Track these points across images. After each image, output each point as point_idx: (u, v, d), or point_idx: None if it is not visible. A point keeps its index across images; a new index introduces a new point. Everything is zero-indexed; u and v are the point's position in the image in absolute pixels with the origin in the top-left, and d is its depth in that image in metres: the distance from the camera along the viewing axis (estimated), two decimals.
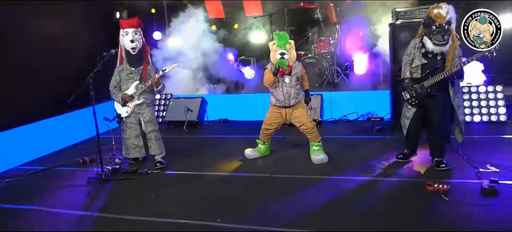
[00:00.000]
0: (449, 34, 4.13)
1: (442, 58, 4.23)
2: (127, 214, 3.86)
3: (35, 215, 4.02)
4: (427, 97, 4.31)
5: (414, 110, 4.45)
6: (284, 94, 4.84)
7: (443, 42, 4.14)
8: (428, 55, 4.27)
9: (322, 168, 4.79)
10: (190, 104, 7.25)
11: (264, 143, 5.24)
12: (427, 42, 4.23)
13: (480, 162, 4.50)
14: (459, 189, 3.91)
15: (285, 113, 4.99)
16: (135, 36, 4.94)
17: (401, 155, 4.77)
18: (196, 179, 4.74)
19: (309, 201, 3.92)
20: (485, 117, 6.23)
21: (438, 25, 4.11)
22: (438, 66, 4.23)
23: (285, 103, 4.89)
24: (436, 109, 4.32)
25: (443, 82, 4.23)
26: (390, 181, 4.27)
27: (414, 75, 4.37)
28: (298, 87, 4.93)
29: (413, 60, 4.37)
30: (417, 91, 4.34)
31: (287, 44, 4.76)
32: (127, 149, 5.25)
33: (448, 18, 4.09)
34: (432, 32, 4.15)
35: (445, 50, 4.19)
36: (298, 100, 4.97)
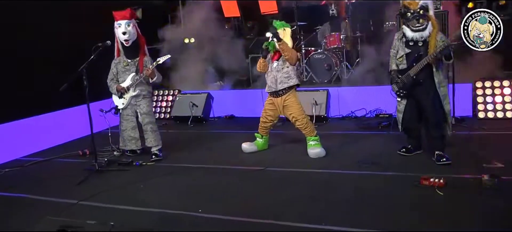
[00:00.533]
0: (424, 18, 4.08)
1: (424, 45, 4.14)
2: (110, 203, 3.83)
3: (23, 202, 4.05)
4: (415, 87, 4.21)
5: (405, 102, 4.35)
6: (271, 79, 4.78)
7: (419, 27, 4.09)
8: (410, 44, 4.20)
9: (319, 161, 4.65)
10: (196, 100, 7.21)
11: (262, 136, 5.13)
12: (407, 31, 4.19)
13: (488, 157, 4.24)
14: (457, 183, 3.68)
15: (278, 104, 4.86)
16: (127, 28, 4.92)
17: (404, 148, 4.58)
18: (188, 171, 4.67)
19: (300, 194, 3.77)
20: (499, 113, 5.90)
21: (412, 11, 4.09)
22: (421, 53, 4.14)
23: (272, 88, 4.79)
24: (426, 98, 4.18)
25: (429, 70, 4.12)
26: (385, 175, 4.07)
27: (400, 67, 4.29)
28: (285, 71, 4.72)
29: (397, 52, 4.30)
30: (403, 81, 4.23)
31: (280, 29, 4.70)
32: (124, 141, 5.25)
33: (421, 3, 4.06)
34: (408, 19, 4.14)
35: (425, 35, 4.12)
36: (288, 87, 4.75)
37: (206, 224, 3.32)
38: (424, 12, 4.08)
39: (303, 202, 3.59)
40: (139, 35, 5.10)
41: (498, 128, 5.48)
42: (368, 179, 4.06)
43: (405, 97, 4.33)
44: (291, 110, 4.79)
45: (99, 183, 4.41)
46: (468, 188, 3.59)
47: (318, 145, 4.81)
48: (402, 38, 4.28)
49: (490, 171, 3.75)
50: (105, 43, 4.82)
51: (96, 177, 4.60)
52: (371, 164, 4.34)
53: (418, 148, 4.56)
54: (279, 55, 4.75)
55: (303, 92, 6.67)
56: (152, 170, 4.76)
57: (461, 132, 5.31)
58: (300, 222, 3.20)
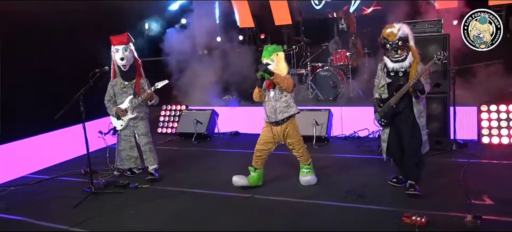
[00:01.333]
0: (403, 49, 4.12)
1: (405, 75, 4.17)
2: (99, 229, 3.98)
3: (21, 225, 4.25)
4: (395, 116, 4.26)
5: (388, 131, 4.38)
6: (270, 109, 4.65)
7: (398, 58, 4.14)
8: (391, 74, 4.24)
9: (308, 190, 4.65)
10: (200, 117, 7.33)
11: (255, 169, 4.81)
12: (387, 61, 4.24)
13: (478, 191, 4.14)
14: (440, 221, 3.63)
15: (277, 133, 4.70)
16: (125, 53, 5.07)
17: (395, 178, 4.56)
18: (179, 196, 4.75)
19: (280, 225, 3.82)
20: (505, 139, 5.72)
21: (391, 43, 4.12)
22: (402, 83, 4.16)
23: (272, 118, 4.66)
24: (404, 127, 4.23)
25: (408, 100, 4.17)
26: (368, 209, 4.04)
27: (383, 96, 4.33)
28: (283, 100, 4.58)
29: (380, 82, 4.34)
30: (384, 110, 4.28)
31: (273, 55, 4.58)
32: (122, 160, 5.41)
33: (399, 35, 4.09)
34: (388, 50, 4.19)
35: (406, 65, 4.16)
36: (288, 116, 4.63)
37: None
38: (403, 43, 4.11)
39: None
40: (136, 59, 5.25)
41: (500, 155, 5.32)
42: (351, 212, 4.03)
43: (387, 126, 4.37)
44: (290, 139, 4.70)
45: (93, 207, 4.57)
46: (450, 227, 3.53)
47: (311, 172, 4.80)
48: (384, 68, 4.32)
49: (475, 210, 3.66)
50: (102, 69, 5.00)
51: (92, 199, 4.77)
52: (358, 196, 4.31)
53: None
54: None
55: (304, 112, 6.68)
56: (145, 194, 4.88)
57: (460, 160, 5.19)
58: None
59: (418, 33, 5.61)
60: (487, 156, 5.34)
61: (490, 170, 4.89)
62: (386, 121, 4.34)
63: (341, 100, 7.50)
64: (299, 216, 4.02)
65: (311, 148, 6.29)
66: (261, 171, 4.86)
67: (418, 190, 4.17)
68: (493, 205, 3.88)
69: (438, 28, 5.49)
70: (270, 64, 4.54)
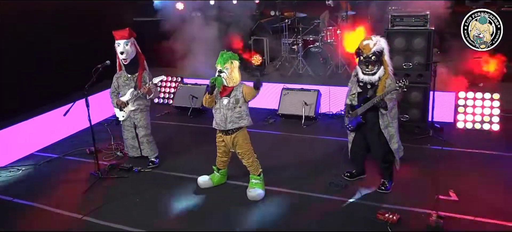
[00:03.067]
0: (374, 65, 4.30)
1: (373, 88, 4.39)
2: (110, 220, 4.47)
3: (34, 212, 4.72)
4: (362, 124, 4.55)
5: (353, 134, 4.72)
6: (221, 117, 4.57)
7: (368, 72, 4.33)
8: (361, 84, 4.47)
9: (293, 181, 5.06)
10: (195, 91, 7.66)
11: (219, 170, 4.99)
12: (359, 72, 4.44)
13: (448, 184, 4.68)
14: (409, 219, 4.16)
15: (228, 141, 4.70)
16: (125, 48, 5.30)
17: (348, 173, 5.02)
18: (182, 182, 5.22)
19: (272, 215, 4.35)
20: (477, 124, 6.22)
21: (364, 56, 4.30)
22: (368, 95, 4.41)
23: (221, 127, 4.60)
24: (371, 136, 4.58)
25: (375, 112, 4.42)
26: (348, 202, 4.56)
27: (353, 102, 4.59)
28: (237, 111, 4.52)
29: (351, 89, 4.60)
30: (353, 117, 4.58)
31: (227, 63, 4.47)
32: (127, 147, 5.84)
33: (374, 49, 4.26)
34: (360, 62, 4.38)
35: (374, 80, 4.36)
36: (238, 127, 4.59)
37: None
38: (377, 58, 4.29)
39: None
40: (138, 52, 5.50)
41: (472, 142, 5.83)
42: (332, 204, 4.55)
43: (354, 131, 4.70)
44: (240, 149, 4.69)
45: (101, 193, 5.04)
46: (417, 225, 4.07)
47: (260, 185, 4.75)
48: (356, 76, 4.55)
49: (441, 206, 4.21)
50: (104, 64, 5.28)
51: (99, 183, 5.23)
52: (341, 188, 4.81)
53: (361, 173, 4.99)
54: (229, 90, 4.54)
55: (295, 92, 7.08)
56: (149, 179, 5.35)
57: (434, 147, 5.69)
58: None
59: (404, 26, 5.92)
60: (459, 143, 5.83)
61: (460, 159, 5.40)
62: (353, 127, 4.67)
63: (330, 77, 7.85)
64: (289, 208, 4.54)
65: (300, 127, 6.76)
66: (224, 170, 5.02)
67: (388, 188, 4.65)
68: (458, 201, 4.42)
69: (424, 23, 5.78)
70: (224, 72, 4.47)
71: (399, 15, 5.95)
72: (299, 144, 6.21)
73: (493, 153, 5.51)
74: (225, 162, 4.95)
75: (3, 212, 4.77)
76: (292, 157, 5.71)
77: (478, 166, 5.23)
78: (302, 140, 6.35)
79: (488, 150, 5.60)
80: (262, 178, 4.80)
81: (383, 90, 4.34)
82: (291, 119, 7.05)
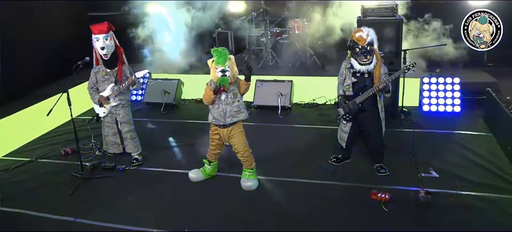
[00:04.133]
0: (371, 54, 4.57)
1: (369, 76, 4.66)
2: (106, 221, 4.33)
3: (23, 219, 4.47)
4: (359, 112, 4.80)
5: (350, 124, 4.93)
6: (220, 112, 4.62)
7: (366, 62, 4.59)
8: (357, 75, 4.70)
9: (282, 171, 5.18)
10: (167, 87, 7.55)
11: (210, 163, 5.03)
12: (354, 63, 4.66)
13: (426, 163, 5.07)
14: (400, 197, 4.44)
15: (223, 134, 4.76)
16: (105, 42, 5.14)
17: (335, 158, 5.26)
18: (170, 177, 5.19)
19: (265, 203, 4.46)
20: (441, 107, 6.71)
21: (361, 47, 4.54)
22: (367, 83, 4.67)
23: (220, 121, 4.65)
24: (370, 122, 4.83)
25: (373, 97, 4.71)
26: (342, 186, 4.78)
27: (347, 93, 4.81)
28: (235, 105, 4.62)
29: (345, 80, 4.81)
30: (350, 107, 4.79)
31: (227, 61, 4.48)
32: (107, 145, 5.65)
33: (368, 40, 4.53)
34: (356, 54, 4.59)
35: (371, 68, 4.63)
36: (236, 121, 4.68)
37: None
38: (371, 48, 4.57)
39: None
40: (117, 46, 5.34)
41: (437, 124, 6.30)
42: (326, 188, 4.75)
43: (350, 121, 4.91)
44: (235, 142, 4.75)
45: (89, 194, 4.87)
46: (408, 202, 4.36)
47: (253, 176, 4.84)
48: (350, 68, 4.74)
49: (425, 183, 4.55)
50: (84, 60, 5.10)
51: (84, 184, 5.04)
52: (330, 173, 5.02)
53: (347, 158, 5.24)
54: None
55: (270, 83, 7.21)
56: (136, 177, 5.23)
57: (406, 129, 6.07)
58: None
59: (375, 17, 6.24)
60: (427, 125, 6.27)
61: (431, 140, 5.81)
62: (350, 116, 4.88)
63: (300, 68, 8.06)
64: (285, 193, 4.68)
65: (276, 117, 6.91)
66: (216, 162, 5.07)
67: (386, 169, 4.93)
68: (439, 178, 4.79)
69: (394, 13, 6.12)
70: (228, 70, 4.48)
71: (370, 7, 6.24)
72: (279, 133, 6.36)
73: (458, 132, 5.99)
74: (217, 154, 4.98)
75: None
76: (275, 147, 5.82)
77: (447, 144, 5.65)
78: (281, 129, 6.51)
79: (453, 130, 6.08)
80: (254, 170, 4.88)
81: (380, 77, 4.59)
82: (266, 110, 7.18)
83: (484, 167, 4.96)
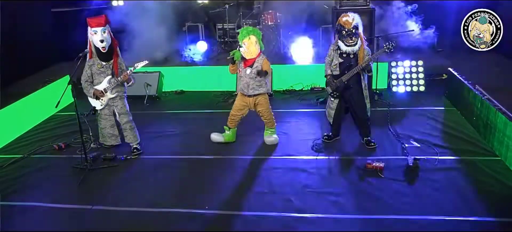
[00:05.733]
0: (357, 37, 5.06)
1: (354, 57, 5.16)
2: (125, 206, 4.48)
3: (38, 211, 4.47)
4: (346, 89, 5.30)
5: (337, 101, 5.42)
6: (243, 84, 5.41)
7: (352, 43, 5.08)
8: (343, 55, 5.18)
9: (279, 148, 5.62)
10: (148, 79, 7.64)
11: (230, 129, 5.71)
12: (341, 45, 5.13)
13: (405, 135, 5.69)
14: (391, 164, 4.99)
15: (249, 102, 5.51)
16: (104, 35, 5.21)
17: (326, 136, 5.74)
18: (173, 163, 5.37)
19: (271, 180, 4.83)
20: (408, 87, 7.43)
21: (347, 30, 5.01)
22: (352, 63, 5.17)
23: (244, 92, 5.43)
24: (355, 98, 5.32)
25: (357, 76, 5.22)
26: (336, 159, 5.25)
27: (334, 73, 5.30)
28: (258, 80, 5.32)
29: (332, 60, 5.29)
30: (337, 85, 5.28)
31: (246, 38, 5.21)
32: (104, 137, 5.70)
33: (354, 24, 5.03)
34: (343, 36, 5.06)
35: (356, 50, 5.11)
36: (259, 93, 5.40)
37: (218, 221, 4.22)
38: (356, 31, 5.06)
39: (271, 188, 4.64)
40: (112, 39, 5.42)
41: (406, 102, 7.03)
42: (323, 162, 5.19)
43: (337, 98, 5.40)
44: (261, 108, 5.53)
45: (98, 183, 4.95)
46: (400, 168, 4.92)
47: (274, 133, 5.70)
48: (337, 50, 5.23)
49: (411, 152, 5.15)
50: (84, 52, 5.14)
51: (89, 176, 5.09)
52: (322, 148, 5.49)
53: (337, 135, 5.74)
54: (251, 62, 5.32)
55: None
56: (139, 165, 5.36)
57: (381, 109, 6.69)
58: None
59: (349, 6, 6.79)
60: (399, 104, 6.94)
61: (404, 116, 6.46)
62: (337, 93, 5.37)
63: (275, 57, 8.46)
64: (289, 168, 5.07)
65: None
66: (235, 129, 5.74)
67: (374, 142, 5.47)
68: (420, 147, 5.41)
69: (367, 2, 6.70)
70: (242, 46, 5.22)
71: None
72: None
73: (426, 108, 6.70)
74: (238, 120, 5.65)
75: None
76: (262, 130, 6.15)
77: (419, 119, 6.32)
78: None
79: (420, 106, 6.80)
80: (275, 130, 5.69)
81: (364, 58, 5.10)
82: None
83: (455, 136, 5.68)
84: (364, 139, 5.54)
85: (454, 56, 8.27)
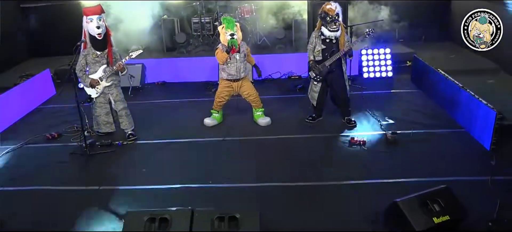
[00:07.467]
0: (339, 23, 5.58)
1: (336, 43, 5.66)
2: (134, 184, 4.74)
3: (49, 194, 4.62)
4: (328, 74, 5.79)
5: (320, 85, 5.90)
6: (236, 69, 5.88)
7: (335, 29, 5.58)
8: (326, 41, 5.66)
9: (267, 129, 6.05)
10: (132, 71, 7.80)
11: (218, 111, 6.25)
12: (325, 31, 5.61)
13: (380, 114, 6.27)
14: (372, 139, 5.54)
15: (235, 86, 6.03)
16: (99, 22, 5.40)
17: (310, 117, 6.22)
18: (171, 146, 5.66)
19: (265, 158, 5.23)
20: (377, 73, 8.07)
21: (331, 16, 5.52)
22: (334, 49, 5.67)
23: (236, 76, 5.92)
24: (337, 81, 5.83)
25: (338, 61, 5.73)
26: (324, 136, 5.74)
27: (316, 58, 5.77)
28: (245, 62, 5.95)
29: (315, 47, 5.75)
30: (319, 70, 5.75)
31: (235, 27, 5.73)
32: (98, 125, 5.88)
33: (336, 11, 5.55)
34: (328, 22, 5.55)
35: (338, 35, 5.61)
36: (246, 74, 6.03)
37: (222, 193, 4.57)
38: (338, 17, 5.57)
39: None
40: (107, 28, 5.61)
41: (376, 85, 7.66)
42: (310, 140, 5.67)
43: (320, 82, 5.88)
44: (247, 90, 6.08)
45: (98, 167, 5.16)
46: (380, 142, 5.47)
47: (264, 113, 6.20)
48: (320, 36, 5.68)
49: (388, 128, 5.73)
50: (82, 41, 5.32)
51: (89, 161, 5.29)
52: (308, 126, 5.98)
53: (319, 116, 6.22)
54: (238, 48, 5.82)
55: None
56: (136, 149, 5.61)
57: (356, 93, 7.25)
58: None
59: None
60: (370, 87, 7.55)
61: (376, 98, 7.06)
62: (320, 77, 5.84)
63: (253, 48, 8.83)
64: (282, 149, 5.49)
65: None
66: (221, 111, 6.30)
67: (355, 122, 6.00)
68: (395, 123, 6.01)
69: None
70: (235, 34, 5.73)
71: None
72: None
73: (395, 91, 7.37)
74: (223, 104, 6.17)
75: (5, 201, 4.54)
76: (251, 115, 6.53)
77: (389, 100, 6.98)
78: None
79: (390, 89, 7.46)
80: (264, 109, 6.16)
81: (344, 44, 5.60)
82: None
83: (423, 112, 6.33)
84: (345, 118, 6.06)
85: (414, 46, 9.04)
